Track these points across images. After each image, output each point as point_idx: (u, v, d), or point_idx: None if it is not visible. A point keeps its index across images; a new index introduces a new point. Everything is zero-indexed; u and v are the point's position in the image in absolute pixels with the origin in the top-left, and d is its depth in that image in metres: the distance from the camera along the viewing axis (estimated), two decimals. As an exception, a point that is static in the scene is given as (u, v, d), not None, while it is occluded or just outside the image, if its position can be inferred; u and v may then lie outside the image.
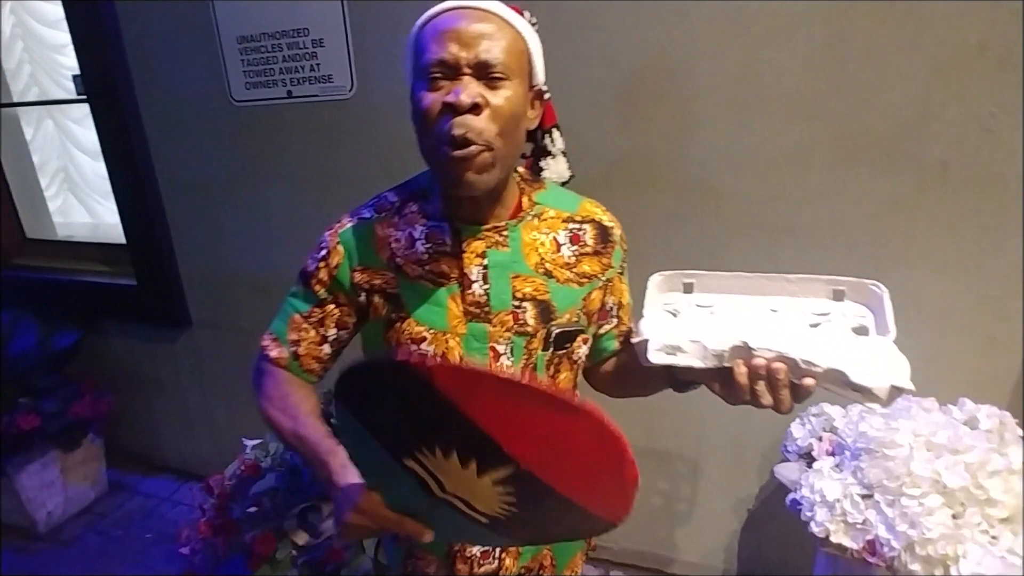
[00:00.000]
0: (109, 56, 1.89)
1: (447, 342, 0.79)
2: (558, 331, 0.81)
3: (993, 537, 1.04)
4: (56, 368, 2.23)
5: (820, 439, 1.29)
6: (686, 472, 1.70)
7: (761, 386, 0.66)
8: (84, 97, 2.06)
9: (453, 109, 0.67)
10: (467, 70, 0.68)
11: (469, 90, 0.67)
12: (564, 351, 0.83)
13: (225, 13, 1.72)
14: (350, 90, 1.67)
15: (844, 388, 0.63)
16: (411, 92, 0.73)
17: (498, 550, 0.89)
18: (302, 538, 0.85)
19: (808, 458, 1.31)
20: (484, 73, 0.68)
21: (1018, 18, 1.14)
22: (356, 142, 1.72)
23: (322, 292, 0.84)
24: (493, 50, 0.68)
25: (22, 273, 2.40)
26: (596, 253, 0.83)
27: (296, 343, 0.84)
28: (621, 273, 0.88)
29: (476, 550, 0.88)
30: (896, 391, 0.62)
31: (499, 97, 0.69)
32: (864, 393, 0.62)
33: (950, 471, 1.06)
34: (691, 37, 1.34)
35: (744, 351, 0.66)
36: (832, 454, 1.24)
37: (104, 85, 1.95)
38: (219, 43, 1.76)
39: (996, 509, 1.05)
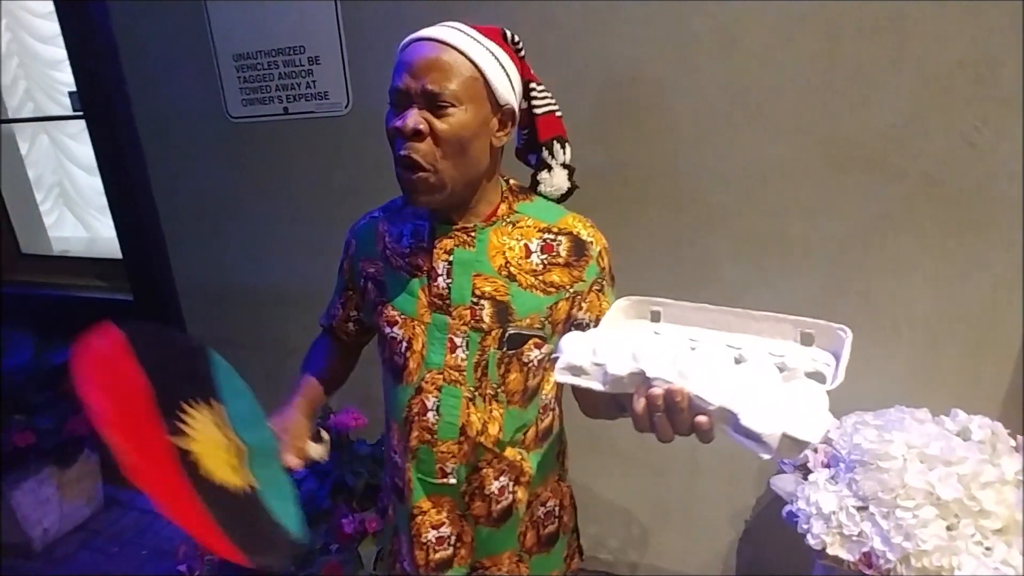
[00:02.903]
0: (105, 72, 1.90)
1: (414, 328, 0.89)
2: (512, 332, 0.86)
3: (987, 548, 1.04)
4: (51, 384, 2.22)
5: (815, 451, 1.30)
6: (682, 483, 1.71)
7: (659, 417, 0.63)
8: (80, 113, 2.07)
9: (401, 133, 0.77)
10: (416, 99, 0.77)
11: (413, 118, 0.76)
12: (515, 352, 0.87)
13: (221, 30, 1.74)
14: (346, 107, 1.69)
15: (735, 431, 0.59)
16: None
17: (453, 538, 0.95)
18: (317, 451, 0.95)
19: (804, 470, 1.32)
20: (431, 102, 0.76)
21: (997, 35, 1.16)
22: (352, 158, 1.73)
23: (345, 277, 1.01)
24: (439, 80, 0.75)
25: (17, 289, 2.40)
26: (567, 265, 0.86)
27: (332, 317, 1.05)
28: (600, 290, 0.89)
29: (431, 535, 0.94)
30: (791, 442, 0.56)
31: (444, 123, 0.76)
32: (754, 440, 0.57)
33: (943, 483, 1.06)
34: (681, 51, 1.36)
35: (642, 379, 0.64)
36: (827, 466, 1.25)
37: (100, 101, 1.96)
38: (215, 60, 1.77)
39: (990, 520, 1.06)
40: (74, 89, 2.05)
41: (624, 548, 1.83)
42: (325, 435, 0.98)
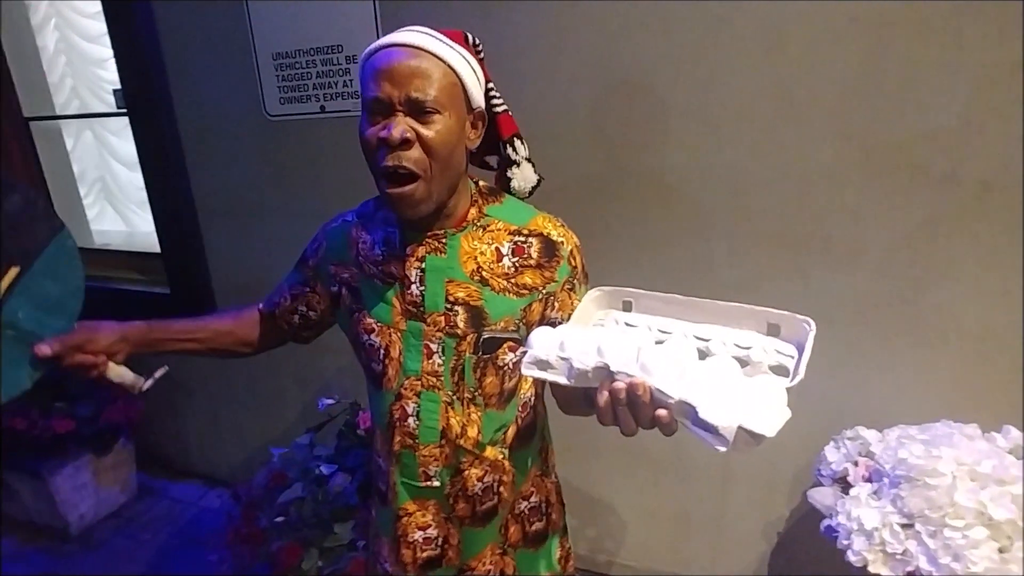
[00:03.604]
0: (149, 71, 1.94)
1: (391, 335, 0.88)
2: (486, 336, 0.86)
3: (1041, 573, 1.00)
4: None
5: (856, 464, 1.26)
6: (713, 490, 1.67)
7: (622, 410, 0.64)
8: (124, 110, 2.12)
9: (386, 144, 0.75)
10: (400, 107, 0.75)
11: (400, 127, 0.74)
12: (490, 356, 0.86)
13: (262, 30, 1.76)
14: (382, 105, 1.69)
15: (694, 424, 0.59)
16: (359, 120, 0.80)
17: (440, 540, 0.95)
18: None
19: (843, 483, 1.28)
20: (416, 109, 0.75)
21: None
22: (386, 156, 1.74)
23: (308, 274, 0.99)
24: (422, 87, 0.74)
25: (60, 280, 2.46)
26: (539, 266, 0.86)
27: (275, 305, 1.03)
28: (571, 289, 0.88)
29: (418, 535, 0.94)
30: (747, 436, 0.57)
31: (430, 130, 0.75)
32: (712, 432, 0.58)
33: (996, 502, 1.02)
34: (724, 54, 1.33)
35: (606, 373, 0.64)
36: (869, 480, 1.21)
37: (143, 99, 2.00)
38: (255, 59, 1.80)
39: (1045, 543, 1.01)
40: (118, 87, 2.10)
41: (650, 555, 1.80)
42: (159, 372, 0.96)
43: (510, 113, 0.90)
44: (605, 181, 1.51)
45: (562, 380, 0.68)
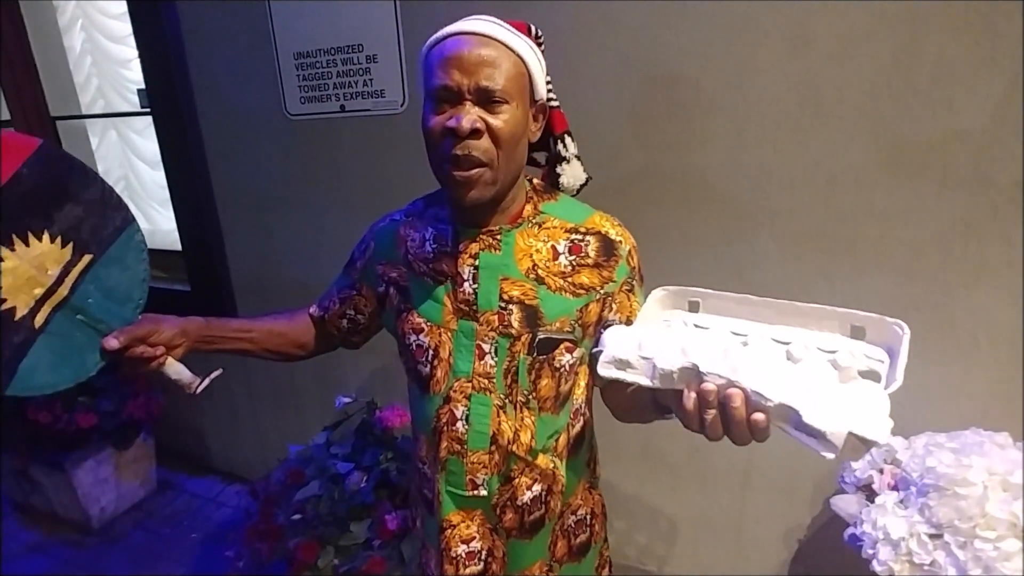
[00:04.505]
0: (172, 71, 1.97)
1: (440, 335, 0.86)
2: (542, 336, 0.83)
3: (1078, 588, 0.96)
4: (113, 368, 2.31)
5: (881, 471, 1.23)
6: (733, 496, 1.65)
7: (711, 415, 0.59)
8: (148, 110, 2.15)
9: (455, 133, 0.73)
10: (468, 96, 0.73)
11: (469, 116, 0.72)
12: (545, 357, 0.84)
13: (283, 30, 1.77)
14: (402, 105, 1.70)
15: (797, 429, 0.56)
16: (422, 109, 0.78)
17: (483, 553, 0.91)
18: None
19: (867, 491, 1.25)
20: (485, 98, 0.73)
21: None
22: (407, 156, 1.74)
23: (355, 276, 0.97)
24: (493, 76, 0.73)
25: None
26: (597, 265, 0.83)
27: (326, 310, 1.01)
28: (630, 290, 0.86)
29: (462, 549, 0.90)
30: (858, 442, 0.54)
31: (499, 120, 0.74)
32: (818, 438, 0.54)
33: (1029, 514, 0.99)
34: (749, 52, 1.31)
35: (694, 374, 0.60)
36: (895, 488, 1.18)
37: (167, 99, 2.03)
38: (276, 59, 1.81)
39: (1081, 558, 0.98)
40: (142, 87, 2.13)
41: (668, 560, 1.78)
42: (215, 373, 0.94)
43: (561, 110, 0.88)
44: (628, 179, 1.50)
45: (644, 381, 0.63)
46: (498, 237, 0.83)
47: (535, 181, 0.89)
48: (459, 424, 0.86)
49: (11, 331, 0.78)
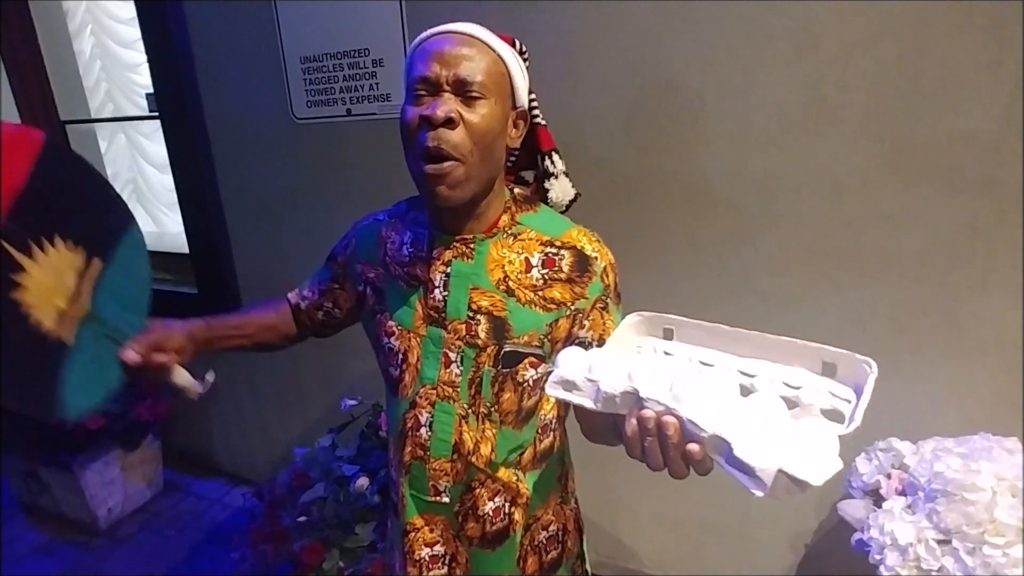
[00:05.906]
0: (180, 75, 1.99)
1: (410, 340, 0.86)
2: (507, 349, 0.82)
3: (1088, 595, 0.96)
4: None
5: (888, 476, 1.23)
6: (738, 500, 1.64)
7: (650, 442, 0.57)
8: (156, 114, 2.17)
9: (429, 122, 0.72)
10: (446, 87, 0.73)
11: (445, 105, 0.72)
12: (509, 371, 0.83)
13: (290, 35, 1.79)
14: (407, 108, 1.70)
15: (728, 463, 0.53)
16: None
17: (447, 558, 0.92)
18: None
19: (875, 496, 1.24)
20: (462, 90, 0.73)
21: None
22: (411, 159, 1.75)
23: (336, 271, 0.97)
24: (471, 69, 0.73)
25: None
26: (570, 281, 0.82)
27: (304, 299, 1.01)
28: (604, 308, 0.83)
29: (425, 553, 0.91)
30: (788, 481, 0.51)
31: (475, 114, 0.73)
32: (748, 474, 0.51)
33: (1039, 520, 0.98)
34: (755, 55, 1.31)
35: (634, 399, 0.58)
36: (903, 493, 1.17)
37: (175, 103, 2.05)
38: (283, 63, 1.83)
39: (1091, 564, 0.97)
40: (151, 91, 2.15)
41: (672, 565, 1.77)
42: (210, 376, 0.91)
43: (548, 129, 0.89)
44: (631, 184, 1.50)
45: (588, 403, 0.62)
46: (471, 245, 0.83)
47: (517, 191, 0.88)
48: (423, 430, 0.87)
49: (44, 349, 0.71)
